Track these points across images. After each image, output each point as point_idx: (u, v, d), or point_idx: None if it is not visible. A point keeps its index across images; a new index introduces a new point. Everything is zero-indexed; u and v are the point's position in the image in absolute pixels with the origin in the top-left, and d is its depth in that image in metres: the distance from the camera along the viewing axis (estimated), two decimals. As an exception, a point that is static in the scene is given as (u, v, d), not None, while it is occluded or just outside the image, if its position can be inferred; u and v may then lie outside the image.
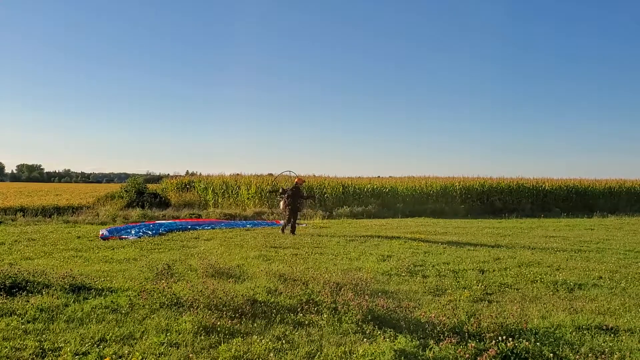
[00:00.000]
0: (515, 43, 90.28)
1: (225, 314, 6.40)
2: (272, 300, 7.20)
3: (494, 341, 5.37)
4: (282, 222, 17.33)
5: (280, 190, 17.48)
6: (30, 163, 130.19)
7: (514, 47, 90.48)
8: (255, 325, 6.20)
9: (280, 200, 17.52)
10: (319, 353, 5.38)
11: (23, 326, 6.08)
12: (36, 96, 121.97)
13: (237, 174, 33.08)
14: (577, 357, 5.31)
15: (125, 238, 15.16)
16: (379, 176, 35.99)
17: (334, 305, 6.59)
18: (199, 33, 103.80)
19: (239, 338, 5.73)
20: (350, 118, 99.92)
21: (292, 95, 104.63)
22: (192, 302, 6.71)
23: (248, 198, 29.05)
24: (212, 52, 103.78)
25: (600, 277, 9.62)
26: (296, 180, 17.44)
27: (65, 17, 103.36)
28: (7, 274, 7.74)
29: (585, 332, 6.21)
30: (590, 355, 5.38)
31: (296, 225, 17.03)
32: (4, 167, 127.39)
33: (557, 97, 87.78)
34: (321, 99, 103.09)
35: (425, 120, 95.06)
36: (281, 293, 7.57)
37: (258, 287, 7.94)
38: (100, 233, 15.78)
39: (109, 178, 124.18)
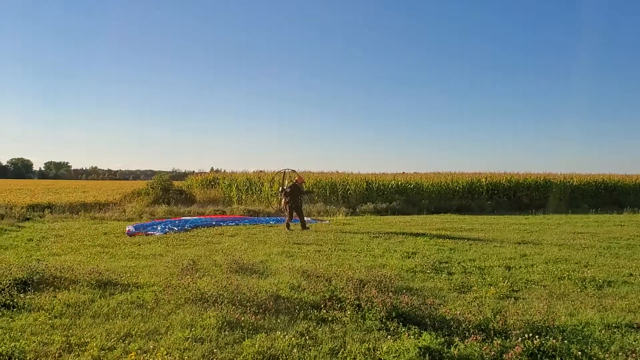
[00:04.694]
0: (546, 40, 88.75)
1: (249, 309, 6.42)
2: (295, 296, 7.21)
3: (520, 339, 5.29)
4: (285, 219, 17.57)
5: (281, 189, 17.84)
6: (57, 160, 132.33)
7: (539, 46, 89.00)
8: (278, 321, 6.20)
9: (281, 199, 17.95)
10: (342, 349, 5.36)
11: (50, 321, 6.17)
12: (63, 94, 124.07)
13: (261, 171, 33.24)
14: (607, 355, 5.20)
15: (151, 234, 15.33)
16: (403, 172, 35.79)
17: (357, 302, 6.56)
18: (219, 31, 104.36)
19: (263, 333, 5.73)
20: (374, 113, 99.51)
21: (314, 91, 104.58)
22: (217, 298, 6.74)
23: (271, 195, 29.14)
24: (231, 48, 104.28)
25: (631, 274, 9.40)
26: (296, 179, 17.75)
27: (90, 13, 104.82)
28: (35, 270, 7.89)
29: (614, 330, 6.07)
30: (620, 354, 5.26)
31: (305, 220, 17.33)
32: (32, 164, 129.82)
33: (585, 92, 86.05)
34: (344, 95, 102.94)
35: (451, 115, 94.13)
36: (304, 289, 7.57)
37: (281, 283, 7.96)
38: (127, 229, 15.99)
39: (135, 175, 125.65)
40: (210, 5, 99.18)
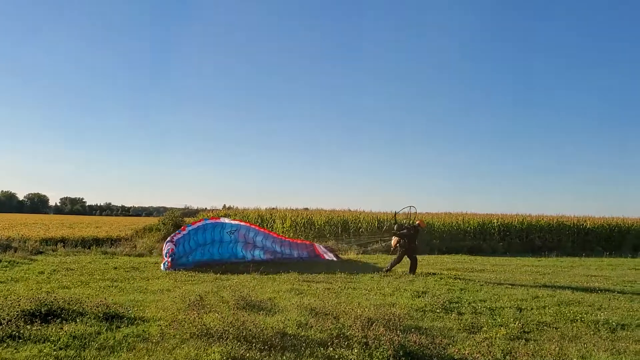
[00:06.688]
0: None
1: (255, 345, 6.35)
2: (302, 333, 7.13)
3: (530, 381, 5.18)
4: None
5: (396, 227, 16.35)
6: (73, 196, 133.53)
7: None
8: (284, 358, 6.13)
9: (394, 236, 16.27)
10: (348, 388, 5.27)
11: (55, 352, 6.15)
12: (80, 132, 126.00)
13: (273, 208, 33.40)
14: (620, 400, 5.06)
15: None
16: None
17: (364, 340, 6.48)
18: (232, 70, 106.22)
19: (268, 370, 5.66)
20: (386, 152, 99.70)
21: (326, 129, 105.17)
22: (222, 333, 6.69)
23: (283, 232, 29.13)
24: (244, 88, 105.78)
25: (646, 318, 9.20)
26: (418, 222, 16.70)
27: (113, 47, 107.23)
28: (44, 302, 7.89)
29: (628, 374, 5.92)
30: (633, 398, 5.12)
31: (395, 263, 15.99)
32: (48, 199, 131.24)
33: (599, 135, 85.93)
34: (357, 133, 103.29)
35: (461, 155, 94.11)
36: (312, 327, 7.49)
37: (289, 320, 7.88)
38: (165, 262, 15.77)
39: (148, 211, 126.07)
40: (211, 39, 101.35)
